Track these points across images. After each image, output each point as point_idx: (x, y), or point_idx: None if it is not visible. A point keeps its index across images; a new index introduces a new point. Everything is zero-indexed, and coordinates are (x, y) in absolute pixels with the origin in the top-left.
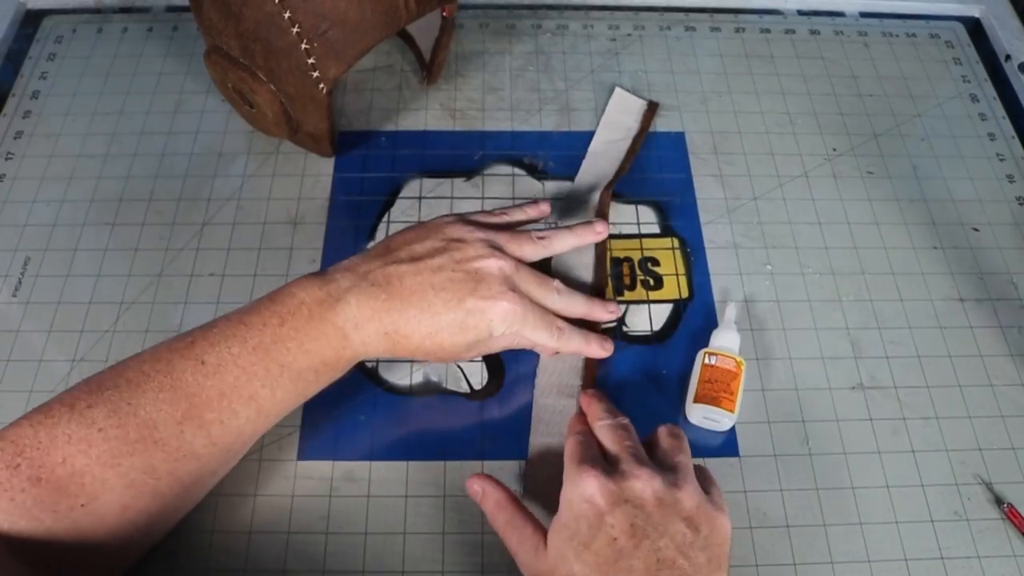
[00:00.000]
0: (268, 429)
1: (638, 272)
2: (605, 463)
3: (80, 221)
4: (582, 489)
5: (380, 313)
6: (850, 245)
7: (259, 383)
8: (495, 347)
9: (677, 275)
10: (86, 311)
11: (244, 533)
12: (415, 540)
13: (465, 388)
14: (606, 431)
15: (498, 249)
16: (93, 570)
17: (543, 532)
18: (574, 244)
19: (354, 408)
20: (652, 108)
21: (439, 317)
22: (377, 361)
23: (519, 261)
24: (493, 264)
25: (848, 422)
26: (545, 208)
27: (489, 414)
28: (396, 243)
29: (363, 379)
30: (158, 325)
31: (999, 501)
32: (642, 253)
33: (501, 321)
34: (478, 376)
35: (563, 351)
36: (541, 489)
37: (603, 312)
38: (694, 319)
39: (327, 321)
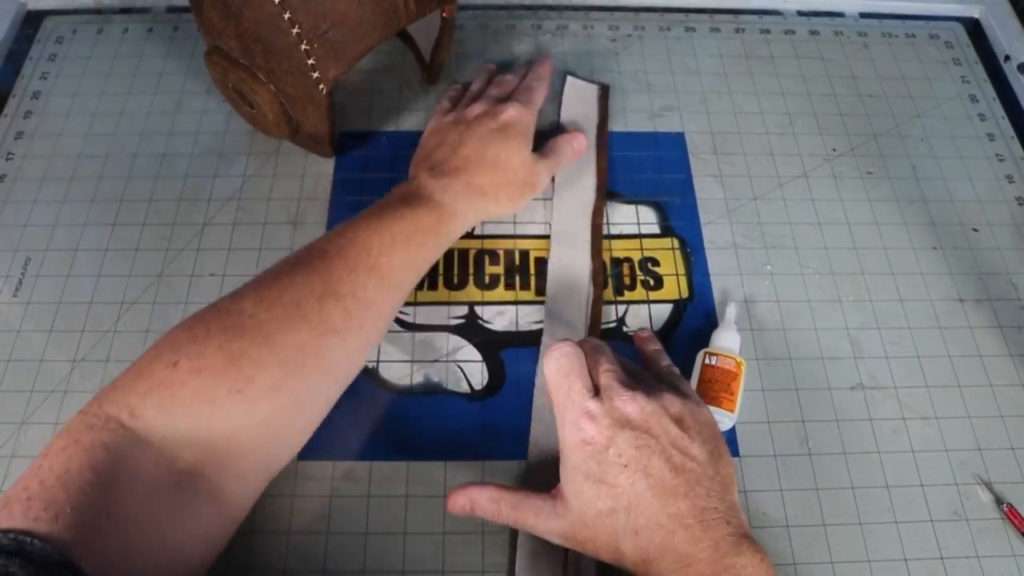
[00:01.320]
0: (394, 306)
1: (638, 272)
2: (590, 396)
3: (81, 221)
4: (579, 433)
5: (453, 176)
6: (850, 245)
7: (377, 252)
8: (540, 154)
9: (677, 275)
10: (87, 311)
11: (244, 533)
12: (415, 540)
13: (465, 388)
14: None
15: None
16: (240, 475)
17: (551, 493)
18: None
19: (354, 408)
20: (605, 92)
21: (488, 143)
22: (377, 361)
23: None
24: (479, 106)
25: (848, 422)
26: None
27: (489, 414)
28: (425, 149)
29: (363, 379)
30: (159, 325)
31: (999, 501)
32: (642, 253)
33: (518, 115)
34: (478, 376)
35: (546, 84)
36: (542, 490)
37: (540, 68)
38: (694, 319)
39: (416, 196)
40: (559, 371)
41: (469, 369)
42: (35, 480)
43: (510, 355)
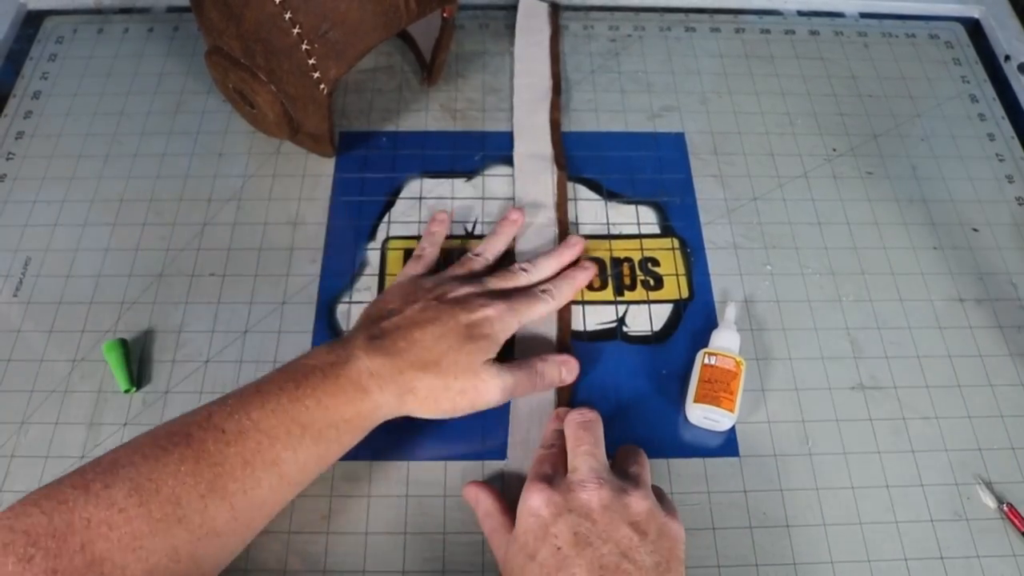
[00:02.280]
0: (286, 503)
1: (638, 272)
2: (556, 477)
3: (81, 221)
4: (529, 503)
5: (391, 356)
6: (850, 245)
7: (281, 446)
8: (509, 370)
9: (677, 275)
10: (87, 311)
11: None
12: (415, 540)
13: None
14: (572, 427)
15: (460, 281)
16: None
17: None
18: (508, 236)
19: None
20: (555, 9)
21: (445, 339)
22: None
23: (479, 282)
24: (464, 290)
25: (848, 422)
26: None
27: (488, 414)
28: (377, 311)
29: None
30: (159, 325)
31: (999, 501)
32: (642, 253)
33: (499, 321)
34: None
35: (563, 304)
36: (516, 495)
37: (570, 253)
38: (694, 319)
39: (342, 376)
40: (548, 442)
41: None
42: None
43: (510, 355)
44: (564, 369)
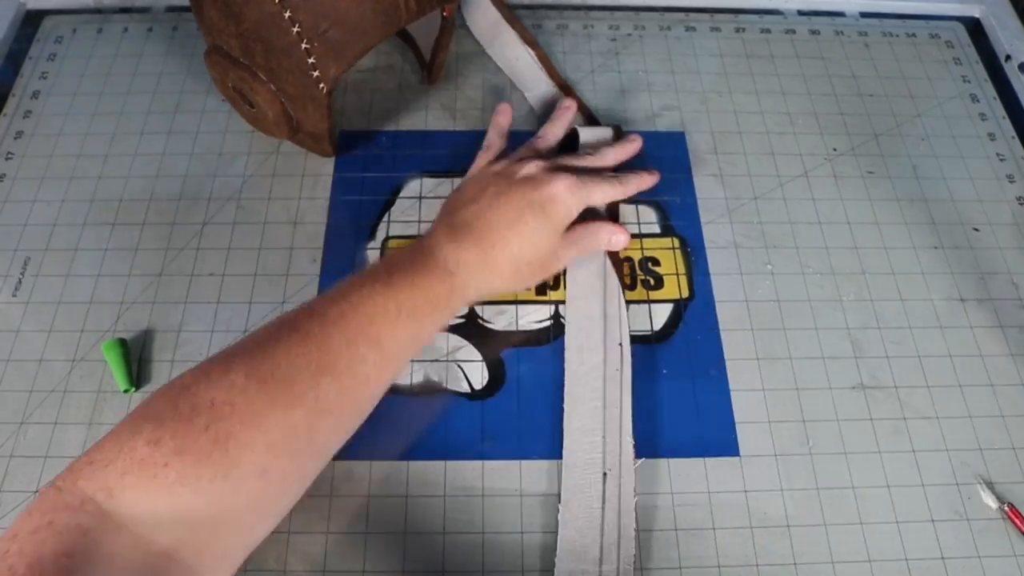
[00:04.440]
0: (390, 381)
1: (638, 272)
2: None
3: (80, 221)
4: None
5: (471, 243)
6: (850, 245)
7: (380, 323)
8: (571, 234)
9: (677, 275)
10: (86, 311)
11: None
12: (415, 540)
13: (465, 388)
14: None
15: (525, 159)
16: (218, 555)
17: None
18: (565, 123)
19: None
20: (618, 132)
21: (522, 221)
22: None
23: (547, 159)
24: (531, 165)
25: (849, 422)
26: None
27: (489, 414)
28: (453, 204)
29: None
30: (158, 325)
31: (1000, 501)
32: (642, 253)
33: (569, 195)
34: (478, 376)
35: (632, 191)
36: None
37: (631, 145)
38: (694, 319)
39: (429, 260)
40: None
41: (469, 369)
42: (4, 566)
43: (510, 355)
44: (613, 237)
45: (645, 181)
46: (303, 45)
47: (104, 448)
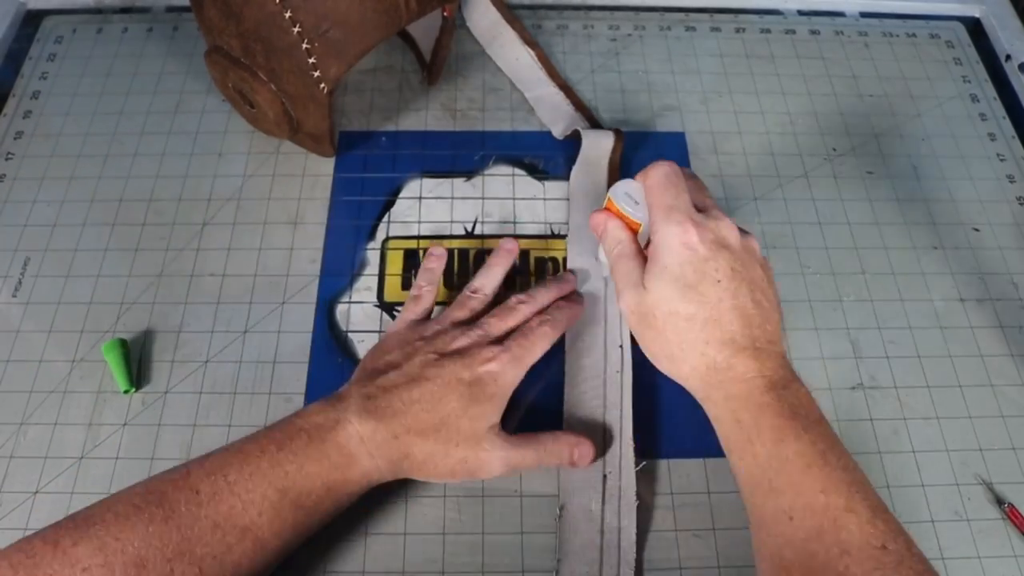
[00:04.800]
0: (268, 570)
1: None
2: (694, 213)
3: (80, 221)
4: (686, 238)
5: (386, 419)
6: (850, 245)
7: (256, 511)
8: (525, 442)
9: None
10: (86, 311)
11: None
12: (415, 540)
13: None
14: (686, 186)
15: (463, 330)
16: None
17: (643, 269)
18: (504, 269)
19: None
20: (620, 137)
21: (447, 396)
22: None
23: (478, 325)
24: (464, 338)
25: (848, 422)
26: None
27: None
28: (372, 364)
29: None
30: (158, 325)
31: (1000, 501)
32: None
33: (502, 373)
34: None
35: (558, 333)
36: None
37: (567, 284)
38: None
39: (328, 441)
40: (668, 177)
41: None
42: None
43: None
44: (576, 451)
45: (575, 312)
46: (304, 45)
47: None
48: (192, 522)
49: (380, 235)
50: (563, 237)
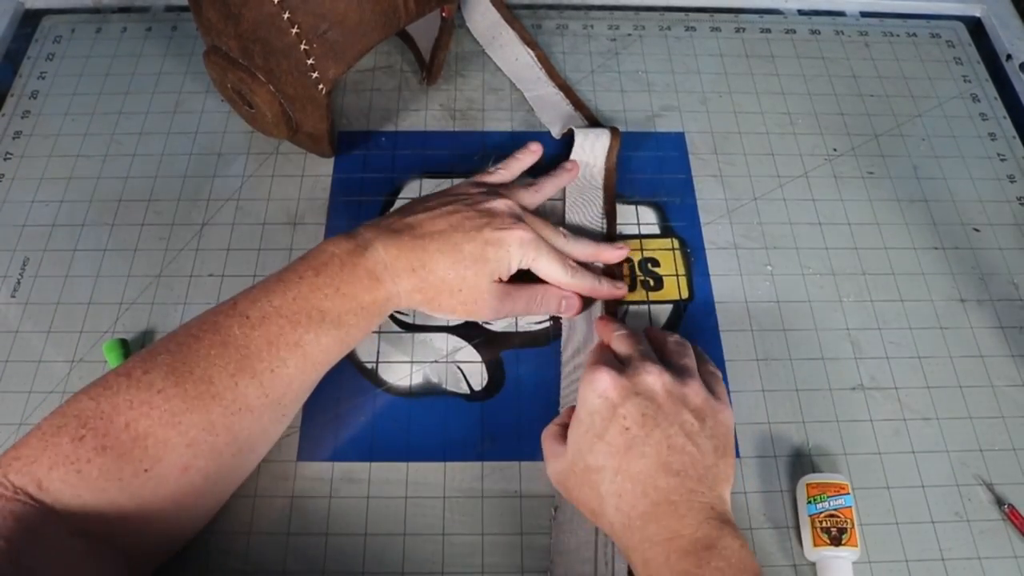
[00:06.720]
0: (316, 380)
1: (638, 273)
2: (618, 363)
3: (79, 221)
4: (595, 385)
5: (405, 251)
6: (851, 246)
7: (303, 330)
8: (516, 291)
9: (677, 276)
10: (85, 312)
11: (244, 534)
12: (415, 541)
13: (465, 389)
14: (620, 340)
15: (500, 195)
16: (152, 544)
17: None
18: (560, 185)
19: (354, 408)
20: (616, 135)
21: (460, 248)
22: (376, 362)
23: (523, 206)
24: (501, 203)
25: (849, 423)
26: (537, 149)
27: (489, 415)
28: (409, 207)
29: (363, 379)
30: (158, 326)
31: (1000, 502)
32: (642, 254)
33: (518, 248)
34: (478, 377)
35: (575, 288)
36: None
37: (611, 253)
38: (694, 320)
39: (358, 266)
40: (623, 337)
41: (469, 370)
42: None
43: (510, 356)
44: (565, 302)
45: (602, 290)
46: (302, 46)
47: (30, 444)
48: (247, 342)
49: None
50: None
